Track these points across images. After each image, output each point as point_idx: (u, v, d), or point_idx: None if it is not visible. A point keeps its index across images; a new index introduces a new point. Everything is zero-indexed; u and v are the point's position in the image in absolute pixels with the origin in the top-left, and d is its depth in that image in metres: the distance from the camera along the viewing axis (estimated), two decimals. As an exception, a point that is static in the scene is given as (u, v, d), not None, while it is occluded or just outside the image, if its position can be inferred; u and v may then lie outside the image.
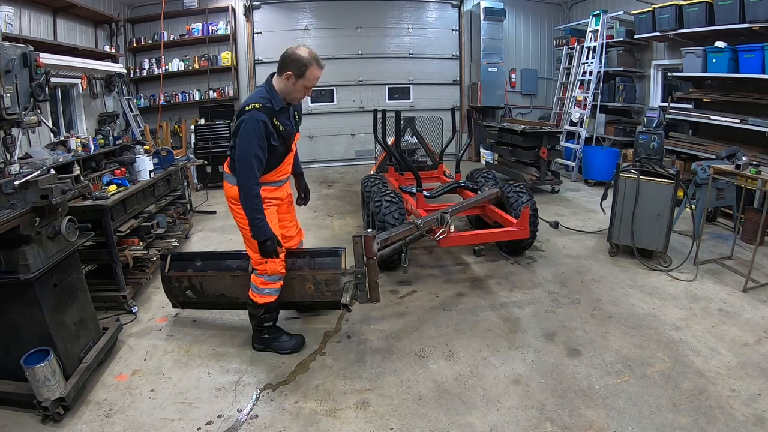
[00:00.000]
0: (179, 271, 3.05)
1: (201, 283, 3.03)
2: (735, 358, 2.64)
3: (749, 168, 3.60)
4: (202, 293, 3.06)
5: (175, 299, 3.16)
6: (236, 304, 3.06)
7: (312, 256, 3.00)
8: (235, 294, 3.00)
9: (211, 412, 2.32)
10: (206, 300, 3.10)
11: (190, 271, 3.06)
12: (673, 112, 6.01)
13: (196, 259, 3.10)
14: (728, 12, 5.13)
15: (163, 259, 3.11)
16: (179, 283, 3.06)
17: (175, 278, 3.05)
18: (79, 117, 6.30)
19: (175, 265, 3.08)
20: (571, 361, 2.68)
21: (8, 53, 2.25)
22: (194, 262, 3.08)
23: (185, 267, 3.07)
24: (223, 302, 3.11)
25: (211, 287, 3.03)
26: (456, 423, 2.21)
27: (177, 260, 3.11)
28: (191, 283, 3.05)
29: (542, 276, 3.85)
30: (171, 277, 3.06)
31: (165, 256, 3.12)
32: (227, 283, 3.00)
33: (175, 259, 3.11)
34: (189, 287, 3.05)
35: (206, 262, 3.08)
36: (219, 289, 3.02)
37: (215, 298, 3.08)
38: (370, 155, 8.58)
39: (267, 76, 2.53)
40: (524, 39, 9.65)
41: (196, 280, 3.03)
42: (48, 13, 5.77)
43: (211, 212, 6.15)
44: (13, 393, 2.31)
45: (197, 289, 3.05)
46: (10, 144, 2.41)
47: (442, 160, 5.94)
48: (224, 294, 3.03)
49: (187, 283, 3.05)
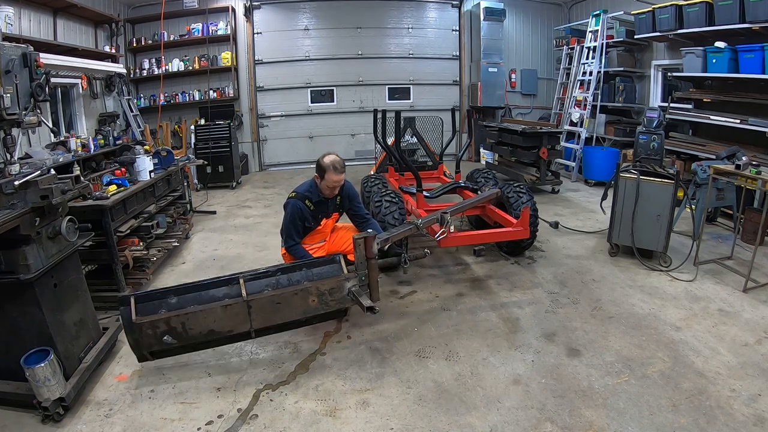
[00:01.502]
0: (150, 315, 2.50)
1: (183, 324, 2.51)
2: (735, 358, 2.64)
3: (749, 168, 3.60)
4: (184, 335, 2.54)
5: (146, 350, 2.53)
6: (230, 338, 2.70)
7: (309, 267, 2.83)
8: (227, 327, 2.61)
9: (211, 412, 2.32)
10: (190, 342, 2.60)
11: (164, 311, 2.52)
12: (673, 112, 6.01)
13: (169, 296, 2.60)
14: (728, 12, 5.13)
15: (124, 303, 2.50)
16: (153, 330, 2.48)
17: (147, 325, 2.46)
18: (79, 117, 6.30)
19: (144, 308, 2.52)
20: (571, 361, 2.67)
21: (8, 53, 2.25)
22: (167, 300, 2.58)
23: (157, 308, 2.54)
24: (212, 340, 2.65)
25: (196, 325, 2.55)
26: (456, 423, 2.20)
27: (144, 301, 2.56)
28: (170, 326, 2.49)
29: (542, 276, 3.85)
30: (141, 324, 2.45)
31: (126, 299, 2.52)
32: (218, 316, 2.56)
33: (141, 300, 2.55)
34: (167, 331, 2.50)
35: (183, 296, 2.61)
36: (207, 325, 2.57)
37: (202, 338, 2.60)
38: (370, 155, 8.59)
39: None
40: (524, 39, 9.65)
41: (176, 321, 2.50)
42: (48, 13, 5.77)
43: (211, 212, 6.15)
44: (13, 393, 2.32)
45: (178, 332, 2.51)
46: (10, 144, 2.41)
47: (442, 161, 5.95)
48: (214, 330, 2.59)
49: (164, 327, 2.49)
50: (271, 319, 2.68)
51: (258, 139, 9.03)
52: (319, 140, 9.19)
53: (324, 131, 9.20)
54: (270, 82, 8.87)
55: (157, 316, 2.49)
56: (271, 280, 2.74)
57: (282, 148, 9.17)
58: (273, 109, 9.01)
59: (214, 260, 4.44)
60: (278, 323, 2.74)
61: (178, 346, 2.59)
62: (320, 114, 9.17)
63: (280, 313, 2.68)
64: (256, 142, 9.01)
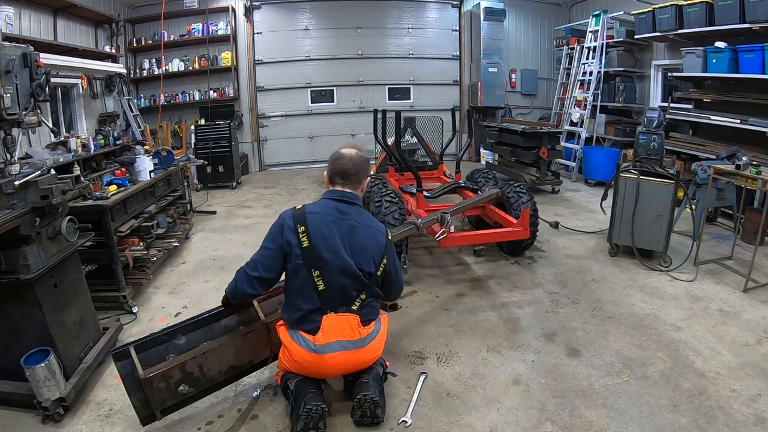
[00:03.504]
0: (159, 364, 2.10)
1: (201, 366, 2.17)
2: (735, 358, 2.64)
3: (749, 168, 3.60)
4: (203, 379, 2.20)
5: (158, 409, 2.10)
6: (249, 369, 2.42)
7: None
8: (248, 358, 2.35)
9: (211, 412, 2.32)
10: (208, 385, 2.26)
11: (172, 357, 2.16)
12: (673, 113, 6.01)
13: (176, 337, 2.24)
14: (728, 12, 5.13)
15: (122, 358, 2.07)
16: (166, 382, 2.07)
17: (159, 378, 2.05)
18: (79, 117, 6.31)
19: (149, 358, 2.13)
20: (571, 361, 2.67)
21: (8, 53, 2.25)
22: (174, 342, 2.23)
23: (164, 354, 2.18)
24: (231, 376, 2.35)
25: (216, 364, 2.22)
26: (456, 423, 2.20)
27: (147, 349, 2.16)
28: (185, 372, 2.12)
29: (542, 276, 3.85)
30: (151, 379, 2.02)
31: (124, 353, 2.07)
32: (237, 348, 2.28)
33: (143, 349, 2.14)
34: (182, 380, 2.11)
35: (192, 334, 2.27)
36: (227, 361, 2.26)
37: (222, 377, 2.28)
38: (370, 155, 8.58)
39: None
40: (524, 39, 9.65)
41: (192, 365, 2.15)
42: (48, 13, 5.77)
43: (211, 212, 6.15)
44: (13, 393, 2.31)
45: (195, 377, 2.16)
46: (11, 144, 2.41)
47: (442, 161, 5.94)
48: (234, 365, 2.30)
49: (179, 375, 2.10)
50: None
51: (258, 139, 9.03)
52: (319, 140, 9.19)
53: (324, 131, 9.20)
54: (270, 82, 8.87)
55: (169, 364, 2.10)
56: (282, 297, 2.47)
57: (282, 148, 9.17)
58: (273, 109, 9.02)
59: (214, 260, 4.44)
60: None
61: (193, 393, 2.21)
62: (320, 114, 9.17)
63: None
64: (256, 142, 9.02)
